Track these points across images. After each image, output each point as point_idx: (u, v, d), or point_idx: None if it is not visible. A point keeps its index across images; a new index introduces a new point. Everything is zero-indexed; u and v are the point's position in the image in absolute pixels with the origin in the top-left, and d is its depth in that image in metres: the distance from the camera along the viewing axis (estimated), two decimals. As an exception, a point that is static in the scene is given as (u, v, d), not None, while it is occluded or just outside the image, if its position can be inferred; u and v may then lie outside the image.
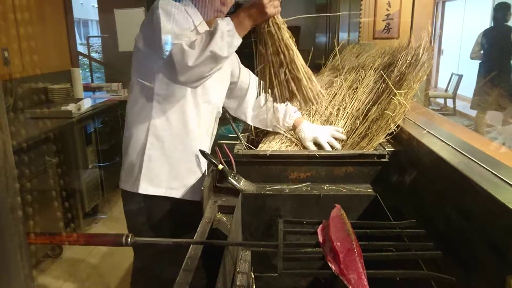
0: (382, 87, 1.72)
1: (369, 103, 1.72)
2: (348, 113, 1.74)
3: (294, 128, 1.77)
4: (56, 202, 2.34)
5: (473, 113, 5.56)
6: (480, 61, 5.27)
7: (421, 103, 2.13)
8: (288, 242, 0.99)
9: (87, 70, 5.41)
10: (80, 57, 4.85)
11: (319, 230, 0.97)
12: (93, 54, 6.37)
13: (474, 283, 0.97)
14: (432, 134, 1.51)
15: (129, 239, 0.94)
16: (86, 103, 3.48)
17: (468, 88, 6.27)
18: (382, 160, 1.58)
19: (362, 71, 1.86)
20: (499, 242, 0.90)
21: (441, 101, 7.44)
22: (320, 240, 0.94)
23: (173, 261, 1.23)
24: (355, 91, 1.80)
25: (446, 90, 7.24)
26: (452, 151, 1.30)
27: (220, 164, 1.49)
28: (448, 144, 1.37)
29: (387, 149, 1.61)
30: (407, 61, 1.71)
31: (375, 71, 1.79)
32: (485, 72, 5.07)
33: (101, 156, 3.59)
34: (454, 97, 6.85)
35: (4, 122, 0.31)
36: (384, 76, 1.70)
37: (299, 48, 1.30)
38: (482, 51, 5.21)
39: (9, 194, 0.31)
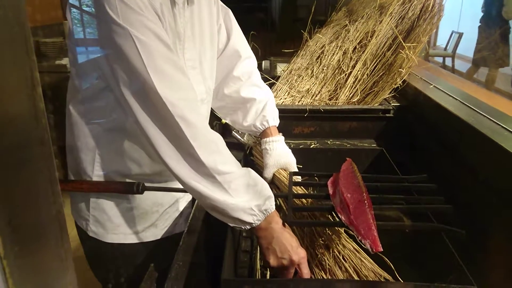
0: (389, 40, 1.67)
1: (376, 57, 1.67)
2: (357, 71, 1.69)
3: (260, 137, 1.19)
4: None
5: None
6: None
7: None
8: (297, 193, 0.99)
9: (79, 25, 5.20)
10: (73, 10, 4.66)
11: (329, 183, 0.97)
12: (85, 8, 6.13)
13: (484, 237, 0.98)
14: (439, 89, 1.49)
15: (140, 187, 0.93)
16: (81, 58, 3.38)
17: (468, 47, 6.16)
18: (387, 115, 1.57)
19: (369, 23, 1.80)
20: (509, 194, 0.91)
21: (440, 60, 7.33)
22: (330, 192, 0.94)
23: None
24: (361, 46, 1.76)
25: (445, 49, 7.11)
26: (460, 105, 1.29)
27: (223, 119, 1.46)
28: (455, 98, 1.35)
29: (392, 104, 1.59)
30: (415, 14, 1.65)
31: (382, 23, 1.73)
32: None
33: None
34: (453, 56, 6.73)
35: (30, 46, 0.28)
36: (393, 27, 1.65)
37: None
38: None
39: (39, 126, 0.29)
